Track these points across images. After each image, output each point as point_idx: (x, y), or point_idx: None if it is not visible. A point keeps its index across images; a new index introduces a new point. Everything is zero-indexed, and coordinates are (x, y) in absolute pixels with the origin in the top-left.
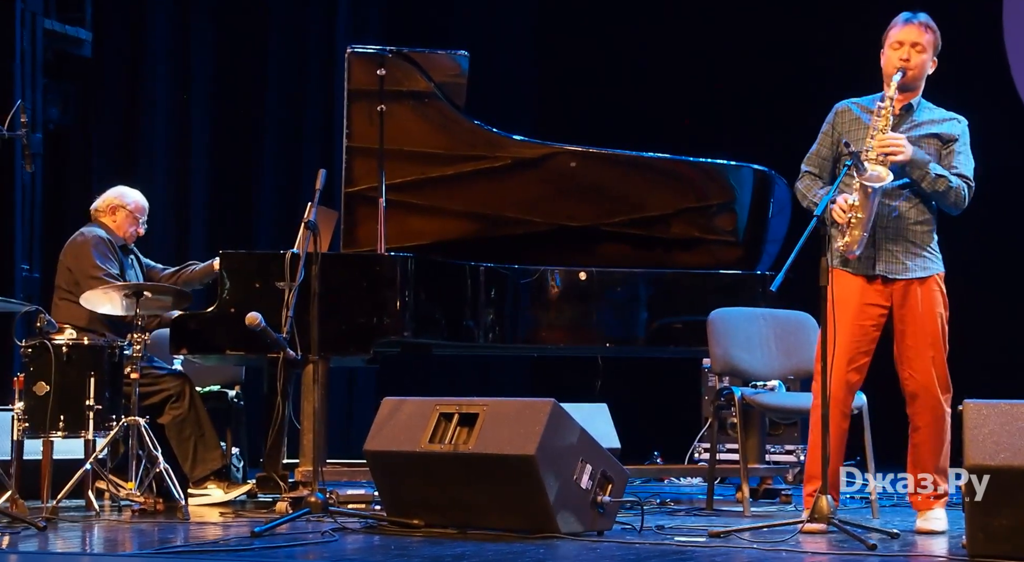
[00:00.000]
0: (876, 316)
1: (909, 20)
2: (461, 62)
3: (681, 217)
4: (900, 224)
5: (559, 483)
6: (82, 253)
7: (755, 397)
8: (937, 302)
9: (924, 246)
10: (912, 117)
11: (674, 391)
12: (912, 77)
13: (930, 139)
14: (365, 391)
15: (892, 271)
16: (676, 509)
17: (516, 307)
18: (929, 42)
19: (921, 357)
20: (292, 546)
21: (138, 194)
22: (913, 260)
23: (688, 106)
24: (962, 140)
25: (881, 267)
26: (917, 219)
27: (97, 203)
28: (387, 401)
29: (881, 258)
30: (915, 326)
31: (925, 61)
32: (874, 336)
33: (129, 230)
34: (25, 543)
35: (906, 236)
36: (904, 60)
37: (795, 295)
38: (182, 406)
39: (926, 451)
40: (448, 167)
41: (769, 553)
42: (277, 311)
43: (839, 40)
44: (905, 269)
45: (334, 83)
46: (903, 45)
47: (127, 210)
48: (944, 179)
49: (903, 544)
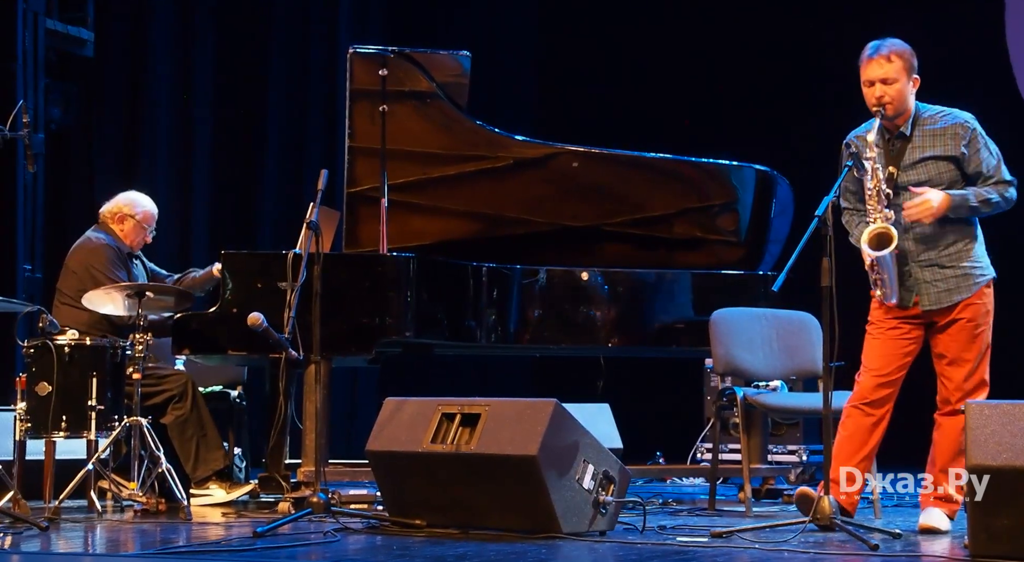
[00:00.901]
0: (910, 330)
1: (871, 56)
2: (463, 62)
3: (683, 217)
4: (932, 254)
5: (561, 483)
6: (91, 261)
7: (757, 397)
8: (979, 315)
9: (964, 264)
10: (910, 144)
11: (676, 391)
12: (893, 109)
13: (931, 162)
14: (367, 391)
15: (934, 302)
16: (678, 509)
17: (518, 307)
18: (898, 69)
19: (958, 366)
20: (294, 546)
21: (148, 202)
22: (953, 283)
23: (690, 106)
24: (975, 143)
25: (923, 301)
26: (948, 242)
27: (106, 208)
28: (389, 401)
29: (920, 292)
30: (950, 341)
31: (900, 89)
32: (910, 350)
33: (137, 239)
34: (28, 543)
35: (941, 263)
36: (878, 98)
37: (797, 295)
38: (184, 406)
39: (945, 454)
40: (450, 167)
41: (771, 553)
42: (279, 311)
43: (841, 40)
44: (948, 295)
45: (336, 83)
46: (873, 83)
47: (135, 220)
48: (987, 200)
49: (905, 544)
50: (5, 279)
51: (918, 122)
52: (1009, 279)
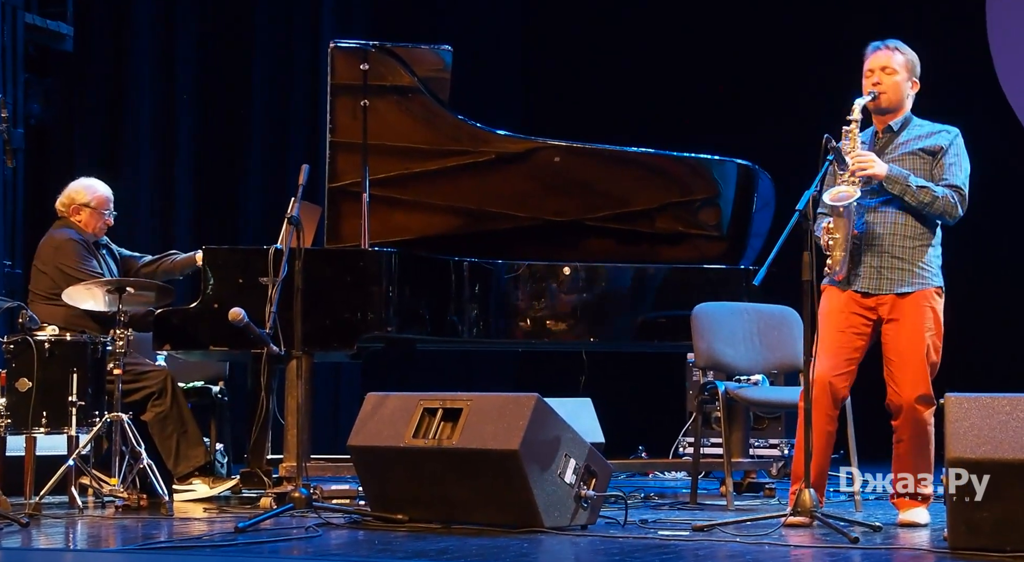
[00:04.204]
0: (859, 325)
1: (877, 47)
2: (444, 57)
3: (665, 212)
4: (885, 241)
5: (543, 478)
6: (60, 260)
7: (739, 391)
8: (925, 317)
9: (914, 262)
10: (897, 139)
11: (658, 386)
12: (887, 100)
13: (915, 155)
14: (350, 386)
15: (874, 287)
16: (660, 503)
17: (500, 302)
18: (900, 63)
19: (904, 373)
20: (276, 542)
21: (98, 186)
22: (899, 275)
23: (672, 100)
24: (952, 151)
25: (864, 284)
26: (905, 234)
27: (59, 202)
28: (371, 396)
29: (864, 275)
30: (898, 342)
31: (899, 82)
32: (858, 345)
33: (97, 225)
34: (8, 539)
35: (892, 252)
36: (875, 84)
37: (778, 289)
38: (164, 403)
39: (908, 461)
40: (432, 162)
41: (752, 547)
42: (260, 307)
43: (827, 34)
44: (890, 284)
45: (319, 78)
46: (873, 72)
47: (90, 208)
48: (927, 190)
49: (885, 537)
50: None
51: (909, 124)
52: (999, 278)
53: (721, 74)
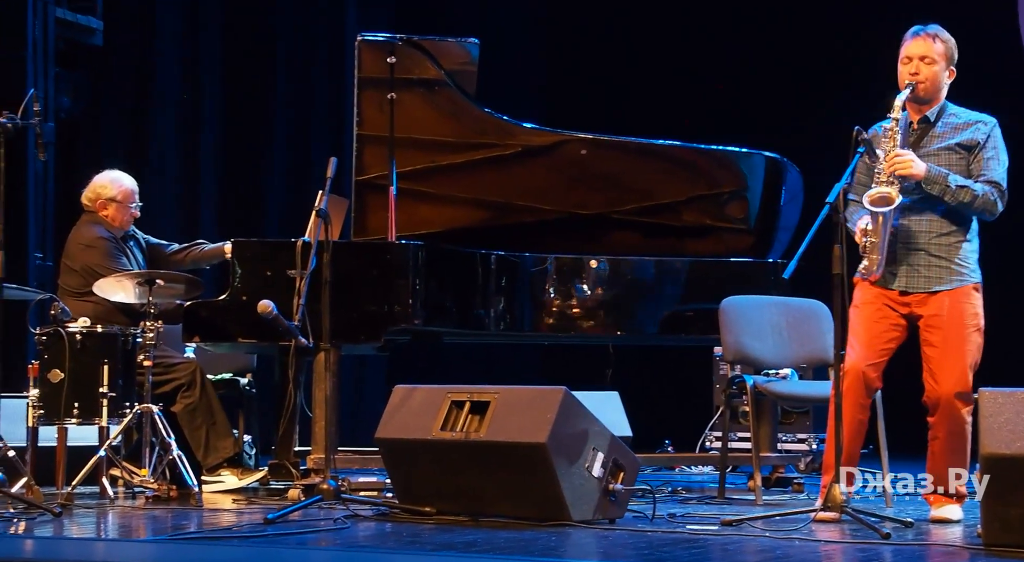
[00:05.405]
0: (894, 318)
1: (917, 33)
2: (471, 50)
3: (692, 205)
4: (921, 239)
5: (571, 471)
6: (89, 259)
7: (767, 385)
8: (965, 313)
9: (951, 258)
10: (932, 130)
11: (685, 379)
12: (924, 90)
13: (951, 151)
14: (375, 379)
15: (913, 286)
16: (688, 497)
17: (527, 295)
18: (940, 53)
19: (943, 369)
20: (304, 533)
21: (123, 179)
22: (936, 272)
23: (699, 92)
24: (990, 144)
25: (901, 283)
26: (941, 232)
27: (86, 195)
28: (398, 389)
29: (902, 273)
30: (937, 338)
31: (937, 72)
32: (892, 337)
33: (124, 219)
34: (40, 529)
35: (929, 250)
36: (913, 74)
37: (806, 283)
38: (193, 395)
39: (943, 461)
40: (458, 155)
41: (782, 542)
42: (288, 299)
43: (854, 26)
44: (927, 282)
45: (344, 71)
46: (912, 60)
47: (116, 202)
48: (967, 189)
49: (917, 533)
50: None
51: (944, 113)
52: None
53: (749, 65)
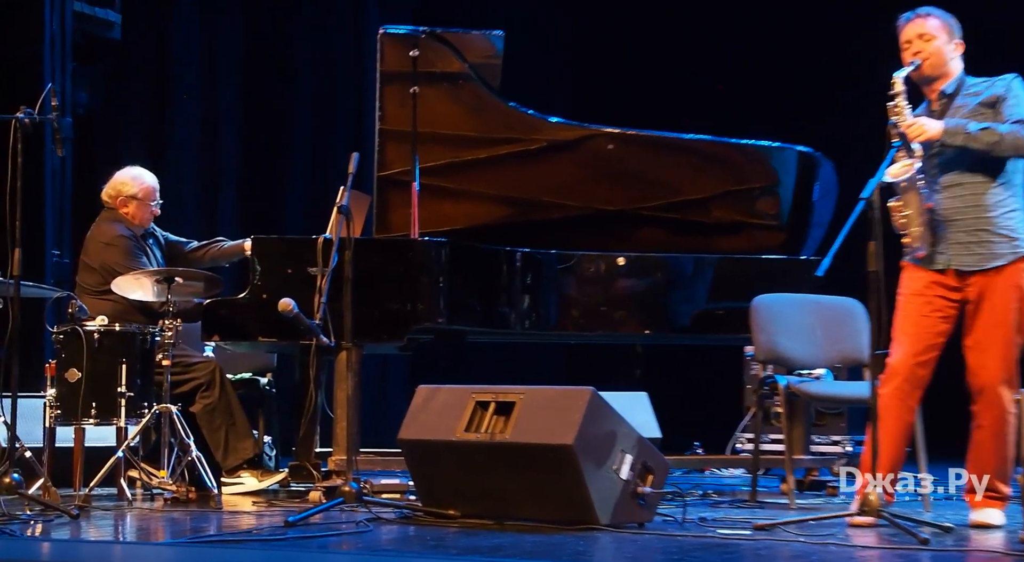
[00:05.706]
0: (944, 308)
1: (908, 18)
2: (496, 42)
3: (722, 201)
4: (968, 214)
5: (598, 473)
6: (109, 258)
7: (801, 386)
8: (1013, 295)
9: (1000, 232)
10: (954, 102)
11: (716, 379)
12: (930, 66)
13: (975, 113)
14: (397, 379)
15: (963, 264)
16: (719, 501)
17: (552, 293)
18: (936, 27)
19: (989, 352)
20: (326, 536)
21: (144, 176)
22: (987, 247)
23: (729, 86)
24: (1011, 93)
25: (947, 260)
26: (986, 205)
27: (106, 192)
28: (422, 389)
29: (948, 252)
30: (984, 318)
31: (939, 47)
32: (941, 329)
33: (144, 216)
34: (58, 531)
35: (977, 225)
36: (916, 53)
37: (841, 281)
38: (213, 395)
39: (987, 452)
40: (482, 150)
41: (817, 547)
42: (309, 297)
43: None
44: (980, 259)
45: (365, 65)
46: (911, 42)
47: (137, 200)
48: (990, 130)
49: (957, 538)
50: (34, 265)
51: (963, 86)
52: None
53: (781, 57)
